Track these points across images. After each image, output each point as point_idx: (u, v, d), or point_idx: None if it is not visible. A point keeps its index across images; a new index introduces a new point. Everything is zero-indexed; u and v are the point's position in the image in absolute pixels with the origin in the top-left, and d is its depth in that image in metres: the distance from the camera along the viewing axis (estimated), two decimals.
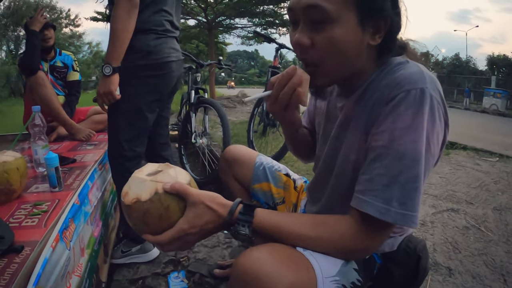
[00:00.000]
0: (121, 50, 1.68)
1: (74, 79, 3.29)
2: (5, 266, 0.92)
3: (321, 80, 0.93)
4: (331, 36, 0.84)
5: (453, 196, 3.24)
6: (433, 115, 0.82)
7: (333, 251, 0.88)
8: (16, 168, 1.38)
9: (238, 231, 0.88)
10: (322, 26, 0.84)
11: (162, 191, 0.87)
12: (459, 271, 1.99)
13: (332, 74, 0.92)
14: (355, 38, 0.85)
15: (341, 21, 0.83)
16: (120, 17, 1.64)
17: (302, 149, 1.37)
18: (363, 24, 0.85)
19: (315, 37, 0.86)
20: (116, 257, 1.96)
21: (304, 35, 0.87)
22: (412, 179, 0.81)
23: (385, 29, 0.87)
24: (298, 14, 0.88)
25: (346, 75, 0.93)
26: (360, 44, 0.87)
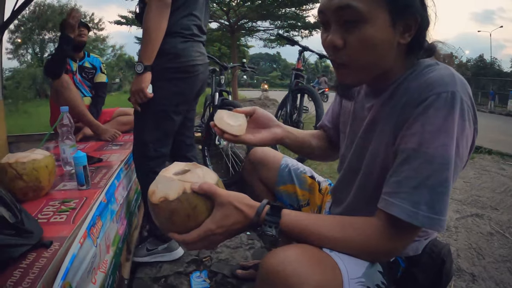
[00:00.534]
0: (153, 49, 1.72)
1: (101, 80, 3.36)
2: (34, 260, 0.93)
3: (351, 79, 0.93)
4: (363, 36, 0.84)
5: (478, 201, 3.18)
6: (463, 118, 0.81)
7: (360, 252, 0.87)
8: (45, 166, 1.41)
9: (264, 232, 0.88)
10: (354, 26, 0.84)
11: (190, 191, 0.87)
12: (482, 278, 1.95)
13: (362, 73, 0.91)
14: (386, 37, 0.85)
15: (373, 21, 0.83)
16: (153, 16, 1.67)
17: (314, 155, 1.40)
18: (394, 23, 0.84)
19: (348, 37, 0.86)
20: (141, 255, 1.98)
21: (337, 36, 0.86)
22: (441, 183, 0.80)
23: (416, 27, 0.86)
24: (329, 16, 0.87)
25: (375, 75, 0.92)
26: (391, 43, 0.86)
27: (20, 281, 0.84)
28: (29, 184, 1.36)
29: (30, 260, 0.94)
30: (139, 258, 1.98)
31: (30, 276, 0.86)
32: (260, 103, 11.29)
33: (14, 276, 0.86)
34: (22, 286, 0.82)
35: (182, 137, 2.17)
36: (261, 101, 11.55)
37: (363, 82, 1.01)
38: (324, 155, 1.41)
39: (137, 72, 1.72)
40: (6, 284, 0.83)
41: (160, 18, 1.68)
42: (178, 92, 1.88)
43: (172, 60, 1.81)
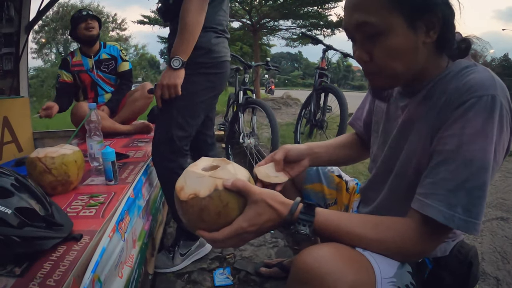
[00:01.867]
0: (192, 43, 1.68)
1: (125, 69, 3.28)
2: (64, 253, 0.94)
3: (384, 85, 0.95)
4: (386, 47, 0.85)
5: (503, 204, 3.10)
6: (501, 123, 0.81)
7: (393, 253, 0.86)
8: (74, 160, 1.43)
9: (298, 231, 0.86)
10: (376, 39, 0.86)
11: (222, 188, 0.85)
12: (507, 282, 1.91)
13: (393, 79, 0.92)
14: (408, 41, 0.85)
15: (391, 30, 0.84)
16: (193, 9, 1.64)
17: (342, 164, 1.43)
18: (413, 26, 0.84)
19: (373, 50, 0.88)
20: (177, 263, 1.93)
21: (362, 51, 0.90)
22: (478, 187, 0.79)
23: (439, 23, 0.85)
24: (352, 32, 0.91)
25: (408, 77, 0.92)
26: (415, 46, 0.86)
27: (50, 273, 0.85)
28: (58, 178, 1.38)
29: (60, 252, 0.95)
30: (175, 267, 1.93)
31: (60, 268, 0.87)
32: (283, 102, 11.27)
33: (45, 268, 0.87)
34: (53, 278, 0.83)
35: (203, 136, 2.16)
36: (284, 100, 11.53)
37: (398, 85, 1.00)
38: (353, 160, 1.42)
39: (173, 67, 1.66)
40: (37, 275, 0.84)
41: (201, 12, 1.66)
42: (210, 87, 1.85)
43: (205, 55, 1.78)
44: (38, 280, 0.82)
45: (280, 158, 1.20)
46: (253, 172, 1.15)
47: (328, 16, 15.21)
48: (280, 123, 6.87)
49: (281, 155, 1.21)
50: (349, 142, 1.39)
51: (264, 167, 1.19)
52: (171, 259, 1.93)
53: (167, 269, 1.91)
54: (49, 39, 30.22)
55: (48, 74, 24.40)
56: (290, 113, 9.30)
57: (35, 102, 13.97)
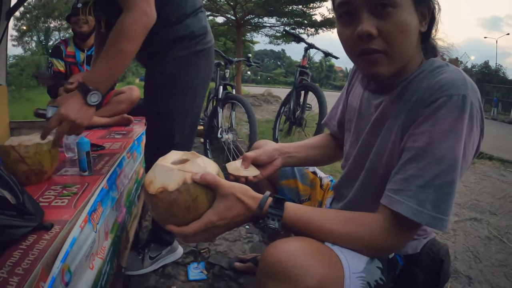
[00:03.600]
0: (119, 74, 1.42)
1: None
2: (34, 242, 0.93)
3: (385, 68, 0.89)
4: (398, 21, 0.83)
5: (477, 205, 3.21)
6: (471, 122, 0.83)
7: (363, 247, 0.88)
8: (48, 150, 1.41)
9: (267, 225, 0.87)
10: (387, 12, 0.83)
11: (191, 181, 0.84)
12: (478, 281, 1.99)
13: (397, 60, 0.88)
14: (415, 22, 0.87)
15: (402, 6, 0.83)
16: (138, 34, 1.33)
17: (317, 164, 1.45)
18: (417, 10, 0.86)
19: (381, 24, 0.84)
20: (146, 266, 1.87)
21: (370, 24, 0.84)
22: (447, 184, 0.81)
23: (429, 16, 0.88)
24: (358, 5, 0.85)
25: (404, 63, 0.91)
26: (418, 29, 0.88)
27: (19, 261, 0.84)
28: (31, 168, 1.36)
29: (30, 241, 0.94)
30: (144, 270, 1.86)
31: (30, 257, 0.86)
32: (264, 99, 11.28)
33: (14, 256, 0.86)
34: (22, 267, 0.82)
35: None
36: (264, 97, 11.53)
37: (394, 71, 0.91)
38: (328, 161, 1.44)
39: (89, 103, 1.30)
40: (6, 263, 0.83)
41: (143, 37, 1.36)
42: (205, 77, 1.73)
43: (201, 42, 1.64)
44: (7, 268, 0.81)
45: (250, 157, 1.21)
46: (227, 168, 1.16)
47: (313, 15, 15.32)
48: (260, 119, 6.89)
49: (252, 154, 1.22)
50: (323, 142, 1.41)
51: (235, 162, 1.20)
52: (141, 261, 1.87)
53: (134, 272, 1.84)
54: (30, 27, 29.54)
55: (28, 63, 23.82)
56: (271, 110, 9.31)
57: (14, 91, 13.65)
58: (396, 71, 0.91)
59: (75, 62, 3.10)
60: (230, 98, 3.41)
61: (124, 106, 3.08)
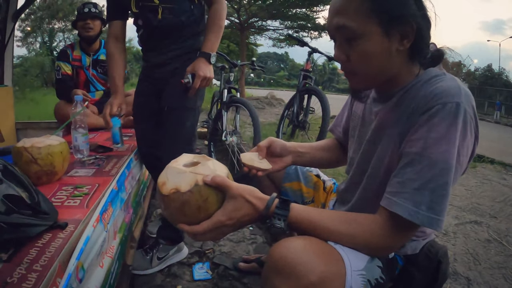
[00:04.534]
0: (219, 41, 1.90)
1: None
2: (50, 240, 0.97)
3: (359, 85, 1.03)
4: (361, 50, 0.93)
5: (477, 208, 3.22)
6: (465, 128, 0.87)
7: (362, 247, 0.92)
8: (60, 151, 1.45)
9: (273, 225, 0.92)
10: (353, 42, 0.93)
11: (202, 183, 0.89)
12: (477, 282, 2.00)
13: (368, 80, 1.00)
14: (382, 48, 0.92)
15: (366, 35, 0.91)
16: (224, 14, 1.89)
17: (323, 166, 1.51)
18: (388, 34, 0.91)
19: (349, 52, 0.95)
20: (154, 266, 1.92)
21: (340, 52, 0.98)
22: (441, 186, 0.85)
23: (413, 33, 0.91)
24: (333, 34, 0.99)
25: (382, 80, 0.99)
26: (388, 52, 0.93)
27: (37, 259, 0.87)
28: (43, 169, 1.40)
29: (46, 239, 0.97)
30: (151, 270, 1.91)
31: (46, 254, 0.90)
32: (267, 102, 11.30)
33: (31, 254, 0.89)
34: (39, 264, 0.85)
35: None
36: (268, 100, 11.55)
37: (371, 87, 1.09)
38: (334, 164, 1.49)
39: (211, 62, 1.82)
40: (23, 261, 0.86)
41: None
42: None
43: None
44: (25, 265, 0.84)
45: (264, 145, 1.29)
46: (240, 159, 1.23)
47: (316, 18, 15.32)
48: (263, 122, 6.91)
49: (265, 143, 1.29)
50: (330, 146, 1.46)
51: (249, 153, 1.27)
52: (149, 261, 1.91)
53: (142, 271, 1.90)
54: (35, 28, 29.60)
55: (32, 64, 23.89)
56: (274, 113, 9.33)
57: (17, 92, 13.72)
58: (371, 86, 1.05)
59: (81, 66, 3.13)
60: (234, 101, 3.43)
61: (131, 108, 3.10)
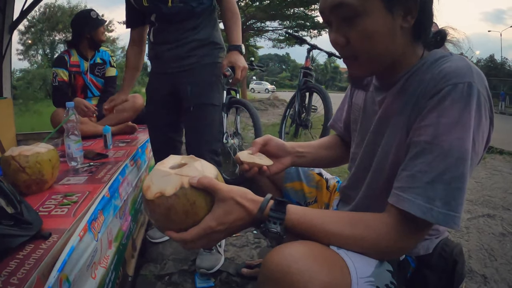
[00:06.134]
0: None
1: (111, 75, 3.33)
2: (31, 251, 0.92)
3: (361, 71, 0.93)
4: (363, 29, 0.83)
5: (489, 201, 3.14)
6: (479, 111, 0.78)
7: (370, 250, 0.83)
8: (48, 159, 1.41)
9: (268, 229, 0.83)
10: (352, 21, 0.84)
11: (188, 185, 0.82)
12: (494, 280, 1.91)
13: (371, 64, 0.90)
14: (386, 25, 0.83)
15: (368, 12, 0.82)
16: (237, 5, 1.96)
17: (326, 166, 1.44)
18: (391, 9, 0.82)
19: (349, 33, 0.85)
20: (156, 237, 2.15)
21: (338, 35, 0.87)
22: (457, 178, 0.76)
23: (416, 8, 0.83)
24: (328, 15, 0.89)
25: (386, 63, 0.90)
26: (392, 29, 0.84)
27: (15, 271, 0.83)
28: (32, 177, 1.36)
29: (27, 251, 0.93)
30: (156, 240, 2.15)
31: (25, 266, 0.85)
32: (269, 103, 11.28)
33: (10, 266, 0.85)
34: (17, 277, 0.81)
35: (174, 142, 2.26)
36: (271, 101, 11.54)
37: (375, 73, 0.98)
38: (336, 162, 1.39)
39: (242, 52, 1.88)
40: (1, 274, 0.82)
41: None
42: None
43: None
44: (2, 278, 0.80)
45: (259, 142, 1.20)
46: (236, 157, 1.14)
47: (315, 17, 15.32)
48: (266, 123, 6.89)
49: (261, 140, 1.21)
50: (333, 143, 1.38)
51: (246, 151, 1.18)
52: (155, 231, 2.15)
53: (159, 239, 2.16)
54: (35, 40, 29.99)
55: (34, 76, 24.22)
56: (277, 113, 9.31)
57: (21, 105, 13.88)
58: (374, 71, 0.94)
59: (79, 72, 3.13)
60: (234, 102, 3.39)
61: (128, 114, 3.12)
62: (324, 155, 1.34)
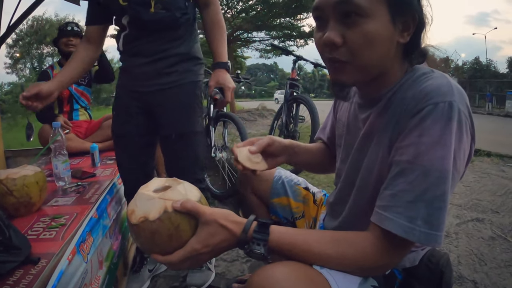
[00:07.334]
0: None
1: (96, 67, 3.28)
2: (21, 277, 0.93)
3: (349, 77, 0.89)
4: (365, 31, 0.81)
5: (478, 205, 3.14)
6: (460, 130, 0.79)
7: (353, 269, 0.84)
8: (35, 182, 1.41)
9: (252, 250, 0.84)
10: (354, 21, 0.81)
11: (172, 209, 0.83)
12: (485, 285, 1.91)
13: (361, 72, 0.87)
14: (388, 33, 0.83)
15: (373, 16, 0.80)
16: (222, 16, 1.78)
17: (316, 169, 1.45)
18: (394, 20, 0.83)
19: (347, 33, 0.82)
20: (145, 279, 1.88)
21: (335, 33, 0.83)
22: (438, 197, 0.77)
23: (414, 26, 0.85)
24: (328, 11, 0.84)
25: (374, 74, 0.89)
26: (391, 41, 0.85)
27: None
28: (20, 200, 1.36)
29: (17, 276, 0.93)
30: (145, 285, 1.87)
31: None
32: (258, 113, 11.28)
33: None
34: None
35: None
36: (259, 112, 11.53)
37: (359, 82, 0.95)
38: (325, 169, 1.41)
39: (230, 71, 1.75)
40: None
41: None
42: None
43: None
44: None
45: (263, 144, 1.19)
46: (234, 151, 1.13)
47: (301, 27, 15.39)
48: (255, 134, 6.87)
49: (265, 143, 1.20)
50: (321, 148, 1.39)
51: (245, 150, 1.15)
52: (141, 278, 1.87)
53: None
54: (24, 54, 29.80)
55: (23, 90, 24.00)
56: (266, 124, 9.29)
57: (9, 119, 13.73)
58: (361, 79, 0.91)
59: None
60: (221, 116, 3.40)
61: None
62: (315, 159, 1.35)
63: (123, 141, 1.82)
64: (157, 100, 1.71)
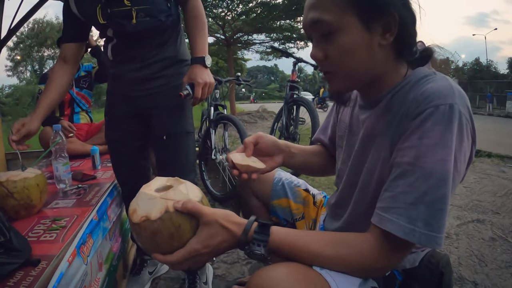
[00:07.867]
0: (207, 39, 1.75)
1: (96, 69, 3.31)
2: (21, 279, 0.93)
3: (340, 85, 0.94)
4: (340, 45, 0.86)
5: (479, 206, 3.15)
6: (461, 132, 0.80)
7: (354, 270, 0.85)
8: (36, 184, 1.41)
9: (253, 251, 0.85)
10: (331, 38, 0.87)
11: (173, 209, 0.83)
12: (485, 286, 1.92)
13: (350, 79, 0.92)
14: (362, 41, 0.85)
15: (344, 29, 0.84)
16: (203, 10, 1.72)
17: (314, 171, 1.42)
18: (368, 26, 0.84)
19: (327, 48, 0.88)
20: (146, 282, 1.91)
21: (317, 50, 0.90)
22: (439, 199, 0.78)
23: (396, 26, 0.85)
24: (308, 32, 0.93)
25: (365, 79, 0.92)
26: (369, 46, 0.86)
27: None
28: (20, 202, 1.36)
29: (17, 278, 0.94)
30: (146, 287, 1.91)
31: None
32: (259, 115, 11.30)
33: None
34: None
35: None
36: (259, 114, 11.56)
37: (354, 88, 1.01)
38: (323, 171, 1.41)
39: (207, 66, 1.63)
40: None
41: None
42: None
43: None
44: None
45: (250, 141, 1.18)
46: (228, 158, 1.13)
47: (301, 29, 15.33)
48: None
49: (252, 139, 1.19)
50: (320, 150, 1.39)
51: (239, 153, 1.16)
52: (142, 281, 1.89)
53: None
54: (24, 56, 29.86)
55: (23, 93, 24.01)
56: (266, 126, 9.30)
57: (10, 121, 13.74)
58: (353, 86, 0.97)
59: None
60: (221, 118, 3.41)
61: None
62: (314, 161, 1.35)
63: (117, 146, 1.83)
64: (148, 104, 1.71)
